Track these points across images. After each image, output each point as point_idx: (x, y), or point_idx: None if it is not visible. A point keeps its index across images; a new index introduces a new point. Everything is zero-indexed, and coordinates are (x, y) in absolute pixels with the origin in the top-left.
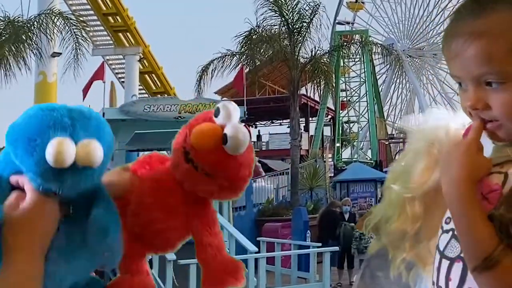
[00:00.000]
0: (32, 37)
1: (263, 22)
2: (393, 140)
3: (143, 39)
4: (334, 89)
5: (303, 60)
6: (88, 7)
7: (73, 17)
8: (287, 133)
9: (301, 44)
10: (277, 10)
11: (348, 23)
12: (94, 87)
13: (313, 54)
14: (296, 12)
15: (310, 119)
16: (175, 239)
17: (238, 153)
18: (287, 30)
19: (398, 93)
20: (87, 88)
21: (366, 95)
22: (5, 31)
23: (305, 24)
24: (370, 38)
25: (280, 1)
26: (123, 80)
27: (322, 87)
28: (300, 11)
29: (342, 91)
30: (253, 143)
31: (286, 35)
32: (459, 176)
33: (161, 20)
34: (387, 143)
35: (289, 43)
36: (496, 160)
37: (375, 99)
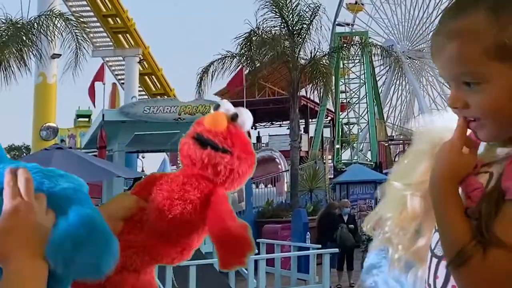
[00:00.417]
0: (33, 38)
1: (263, 23)
2: (393, 141)
3: (143, 41)
4: (333, 90)
5: (303, 62)
6: (88, 8)
7: (74, 18)
8: (286, 134)
9: (301, 45)
10: (277, 12)
11: (348, 24)
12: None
13: (313, 55)
14: (296, 13)
15: (310, 120)
16: (200, 227)
17: (245, 127)
18: (287, 31)
19: (398, 94)
20: (92, 91)
21: (366, 96)
22: (6, 33)
23: (305, 26)
24: (369, 39)
25: (280, 3)
26: (122, 81)
27: (321, 88)
28: (300, 13)
29: (342, 92)
30: (252, 144)
31: (286, 37)
32: (440, 174)
33: (160, 22)
34: (386, 144)
35: (289, 45)
36: (485, 160)
37: (374, 100)
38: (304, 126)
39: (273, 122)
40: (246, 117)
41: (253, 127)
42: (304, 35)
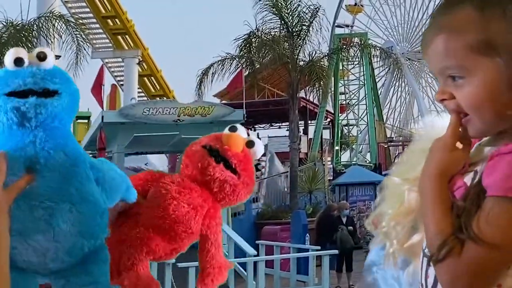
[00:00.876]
0: (32, 39)
1: (262, 25)
2: (392, 143)
3: (142, 42)
4: (331, 92)
5: (302, 63)
6: (87, 10)
7: (73, 20)
8: (286, 136)
9: (300, 47)
10: (277, 13)
11: (347, 26)
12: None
13: (311, 57)
14: (296, 15)
15: (309, 122)
16: (194, 223)
17: (256, 156)
18: (286, 33)
19: (397, 96)
20: (98, 93)
21: (365, 98)
22: (5, 34)
23: (304, 27)
24: (369, 41)
25: (280, 4)
26: (122, 83)
27: (320, 90)
28: (300, 14)
29: (341, 94)
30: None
31: (286, 38)
32: (429, 171)
33: (160, 23)
34: (386, 146)
35: (288, 46)
36: (474, 159)
37: (374, 102)
38: (303, 127)
39: (273, 124)
40: (259, 148)
41: (252, 129)
42: (304, 36)
